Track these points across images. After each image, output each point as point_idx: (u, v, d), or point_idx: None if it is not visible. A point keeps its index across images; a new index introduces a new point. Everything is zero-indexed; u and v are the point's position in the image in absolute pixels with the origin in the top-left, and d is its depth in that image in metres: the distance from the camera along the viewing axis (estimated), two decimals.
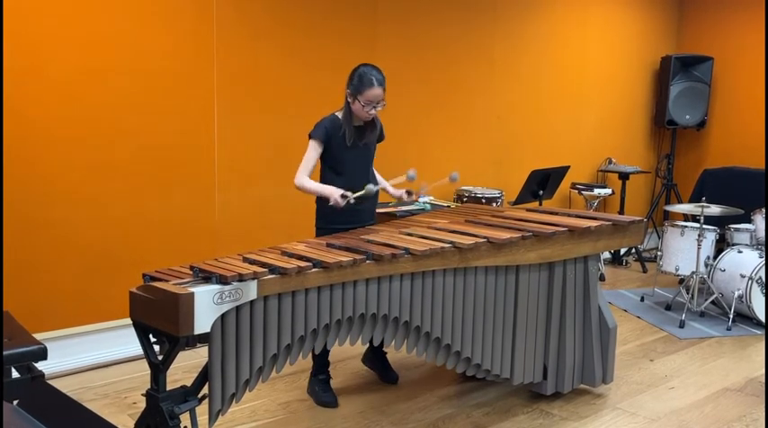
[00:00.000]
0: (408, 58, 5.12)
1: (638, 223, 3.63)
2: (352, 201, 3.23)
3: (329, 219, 3.37)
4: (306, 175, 3.33)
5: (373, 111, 3.33)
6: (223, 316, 2.38)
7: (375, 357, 3.80)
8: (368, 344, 3.80)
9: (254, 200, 4.40)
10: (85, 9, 3.69)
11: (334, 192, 3.23)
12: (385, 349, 3.74)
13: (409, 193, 3.53)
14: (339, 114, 3.39)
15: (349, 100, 3.33)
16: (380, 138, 3.56)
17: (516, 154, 5.98)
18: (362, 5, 4.80)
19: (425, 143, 5.32)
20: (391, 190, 3.58)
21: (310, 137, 3.35)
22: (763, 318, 4.76)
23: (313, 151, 3.34)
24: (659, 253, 5.36)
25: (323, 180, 3.42)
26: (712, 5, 6.92)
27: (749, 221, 5.25)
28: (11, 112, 3.52)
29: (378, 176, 3.62)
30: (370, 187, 3.28)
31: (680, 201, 6.77)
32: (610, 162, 6.71)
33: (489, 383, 3.73)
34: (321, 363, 3.53)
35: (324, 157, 3.39)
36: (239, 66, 4.27)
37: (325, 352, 3.50)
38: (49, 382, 2.55)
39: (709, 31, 6.96)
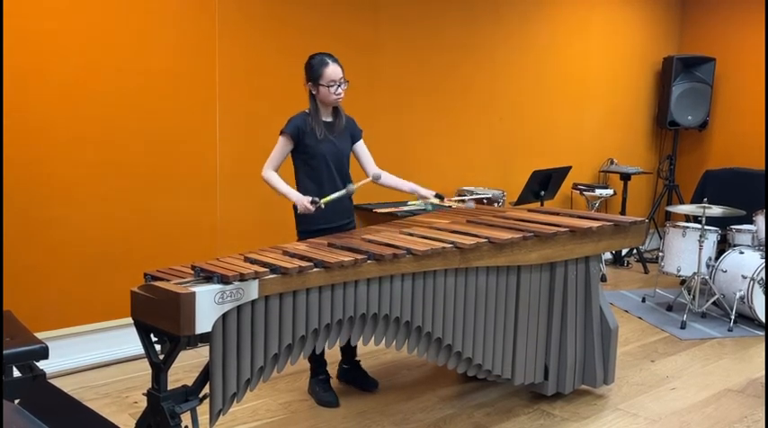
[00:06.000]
0: (410, 59, 5.12)
1: (640, 224, 3.63)
2: (322, 207, 3.21)
3: (310, 222, 3.34)
4: (272, 168, 3.34)
5: (340, 90, 3.30)
6: (224, 316, 2.38)
7: (350, 370, 3.74)
8: (339, 361, 3.77)
9: (255, 200, 4.40)
10: (87, 8, 3.69)
11: (301, 199, 3.21)
12: (386, 349, 3.72)
13: (440, 197, 3.52)
14: (308, 111, 3.38)
15: (313, 92, 3.32)
16: (357, 135, 3.52)
17: (518, 154, 5.98)
18: (364, 7, 4.80)
19: (427, 143, 5.32)
20: (422, 191, 3.54)
21: (281, 133, 3.34)
22: (764, 319, 4.76)
23: (282, 147, 3.35)
24: (661, 253, 5.36)
25: (297, 180, 3.40)
26: (714, 6, 6.92)
27: (751, 222, 5.25)
28: (12, 112, 3.52)
29: (394, 178, 3.59)
30: (351, 187, 3.28)
31: (681, 202, 6.77)
32: (611, 162, 6.70)
33: (490, 383, 3.73)
34: (318, 363, 3.53)
35: (297, 155, 3.38)
36: (241, 67, 4.27)
37: (322, 351, 3.48)
38: (51, 381, 2.55)
39: (711, 32, 6.95)
